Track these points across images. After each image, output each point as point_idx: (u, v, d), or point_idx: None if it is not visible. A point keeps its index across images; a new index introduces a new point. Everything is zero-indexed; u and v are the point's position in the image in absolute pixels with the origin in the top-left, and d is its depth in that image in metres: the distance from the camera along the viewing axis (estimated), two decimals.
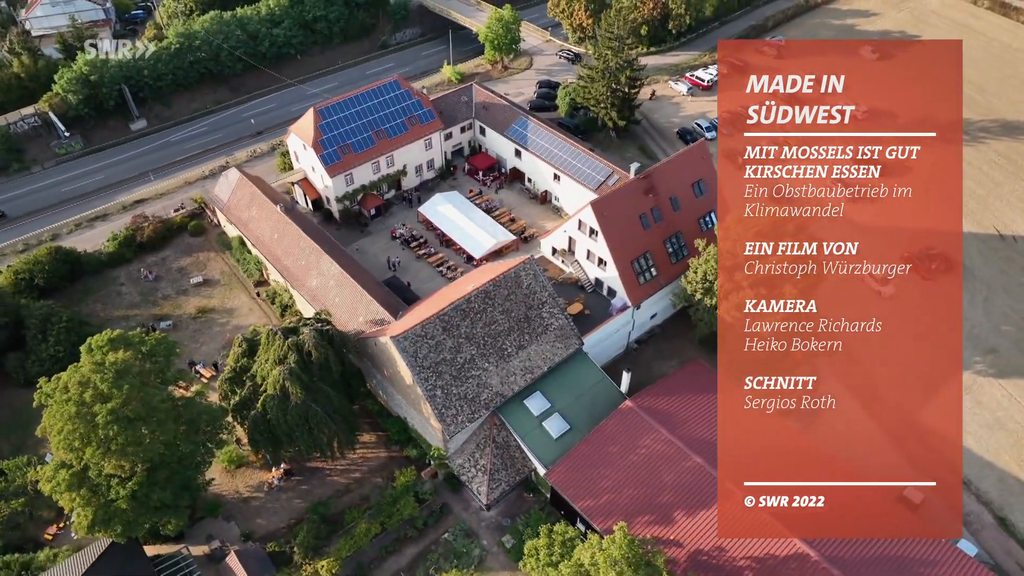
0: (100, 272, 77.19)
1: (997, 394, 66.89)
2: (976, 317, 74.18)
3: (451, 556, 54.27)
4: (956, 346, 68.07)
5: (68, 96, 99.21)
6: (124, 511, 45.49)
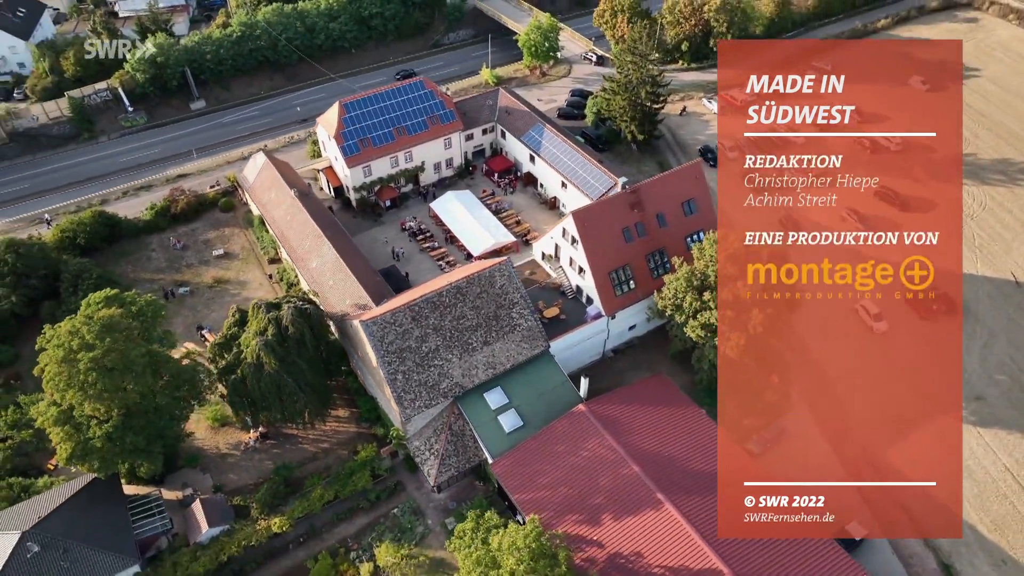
0: (136, 237, 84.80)
1: (972, 442, 65.55)
2: (971, 363, 72.59)
3: (396, 530, 58.02)
4: (955, 387, 67.14)
5: (136, 75, 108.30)
6: (99, 449, 51.38)
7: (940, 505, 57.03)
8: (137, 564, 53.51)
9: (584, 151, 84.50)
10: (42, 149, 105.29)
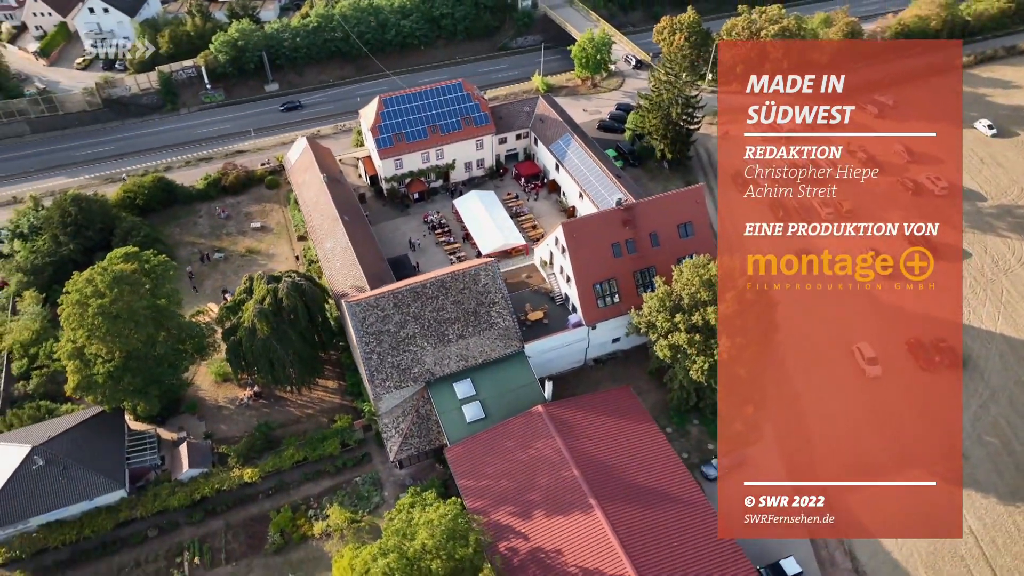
0: (188, 203, 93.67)
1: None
2: (963, 420, 70.31)
3: (355, 497, 62.90)
4: (951, 450, 65.75)
5: (219, 55, 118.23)
6: (101, 384, 58.83)
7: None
8: (123, 490, 60.80)
9: (605, 165, 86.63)
10: (130, 116, 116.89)
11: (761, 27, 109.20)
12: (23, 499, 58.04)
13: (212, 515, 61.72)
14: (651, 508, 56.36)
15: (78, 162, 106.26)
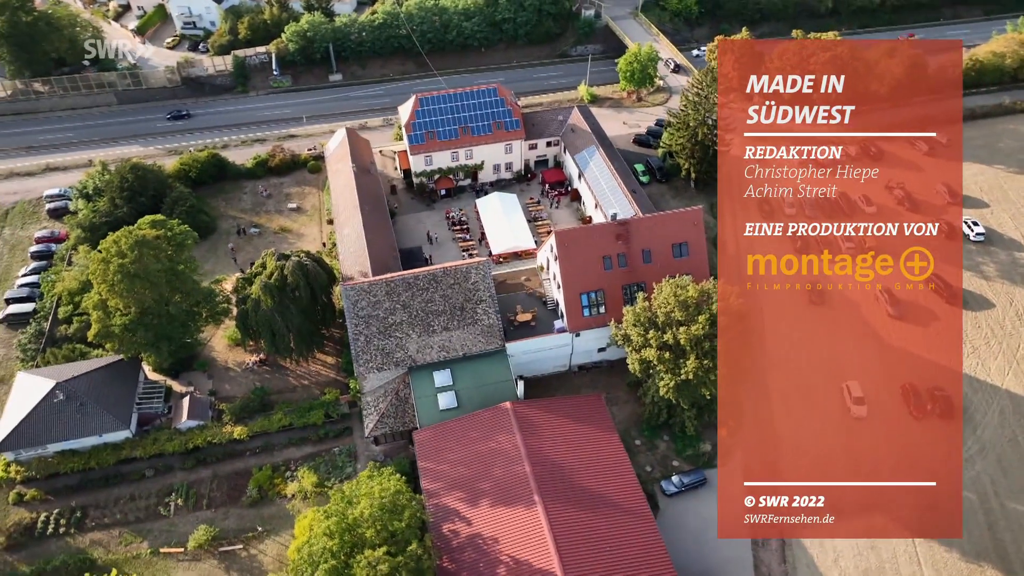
0: (236, 180, 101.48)
1: (899, 546, 63.20)
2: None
3: (330, 465, 67.92)
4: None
5: (289, 44, 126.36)
6: (117, 335, 66.07)
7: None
8: (128, 431, 67.96)
9: (623, 179, 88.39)
10: (205, 95, 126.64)
11: (812, 53, 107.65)
12: (43, 427, 65.97)
13: (202, 464, 68.10)
14: (593, 513, 58.62)
15: (153, 133, 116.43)
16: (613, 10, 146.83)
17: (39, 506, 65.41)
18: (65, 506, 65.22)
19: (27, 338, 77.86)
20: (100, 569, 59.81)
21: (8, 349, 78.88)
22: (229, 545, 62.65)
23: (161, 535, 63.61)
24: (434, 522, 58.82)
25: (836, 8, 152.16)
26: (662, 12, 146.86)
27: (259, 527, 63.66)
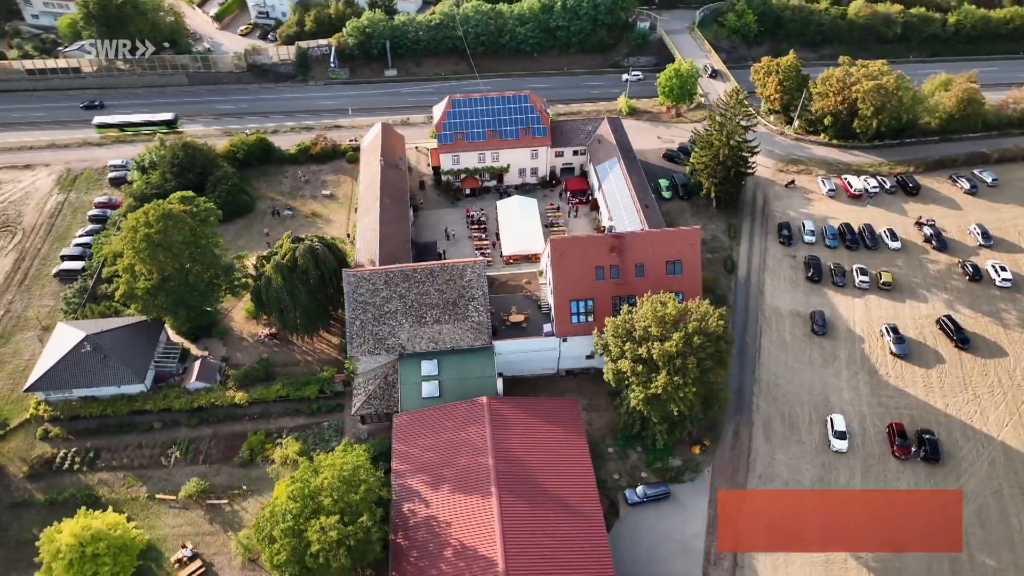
0: (279, 164, 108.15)
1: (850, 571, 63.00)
2: None
3: (317, 437, 72.67)
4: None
5: (349, 39, 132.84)
6: (139, 297, 72.82)
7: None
8: (143, 385, 74.67)
9: (638, 193, 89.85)
10: (267, 81, 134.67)
11: (856, 81, 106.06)
12: (70, 373, 73.36)
13: (204, 423, 74.14)
14: (545, 510, 61.08)
15: (215, 114, 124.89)
16: (670, 24, 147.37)
17: (60, 443, 72.83)
18: (81, 446, 72.42)
19: (72, 293, 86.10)
20: (102, 505, 66.34)
21: (56, 301, 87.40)
22: (216, 499, 68.27)
23: (159, 482, 69.84)
24: (396, 500, 62.64)
25: (905, 35, 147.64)
26: (720, 29, 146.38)
27: (244, 486, 69.03)
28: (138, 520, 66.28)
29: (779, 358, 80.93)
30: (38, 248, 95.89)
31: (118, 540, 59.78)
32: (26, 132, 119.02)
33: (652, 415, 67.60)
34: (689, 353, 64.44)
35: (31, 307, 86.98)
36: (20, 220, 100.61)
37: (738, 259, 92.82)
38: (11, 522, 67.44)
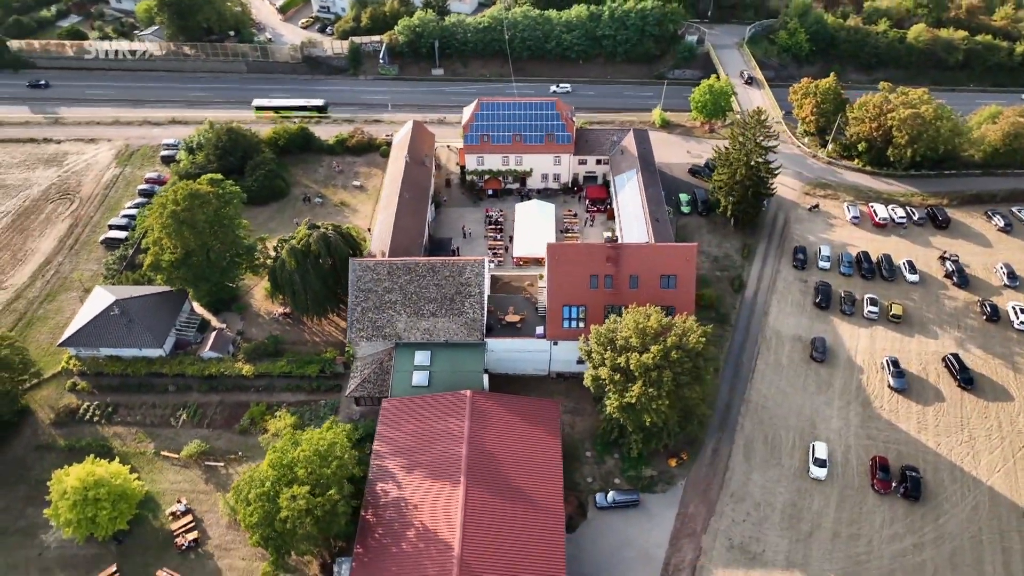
0: (317, 153, 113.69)
1: None
2: (886, 552, 67.06)
3: (311, 414, 77.00)
4: None
5: (399, 36, 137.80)
6: (164, 269, 78.86)
7: None
8: (162, 350, 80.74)
9: (652, 207, 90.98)
10: (320, 73, 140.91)
11: (893, 108, 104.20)
12: (99, 333, 79.98)
13: (213, 390, 79.60)
14: (508, 503, 63.64)
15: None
16: (720, 38, 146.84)
17: (85, 396, 79.56)
18: (103, 401, 78.92)
19: (113, 260, 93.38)
20: (112, 456, 72.36)
21: (99, 266, 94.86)
22: (214, 461, 73.49)
23: (166, 441, 75.58)
24: (372, 479, 66.31)
25: (968, 62, 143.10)
26: (770, 46, 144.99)
27: (240, 452, 74.02)
28: (142, 473, 72.06)
29: (772, 381, 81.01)
30: (91, 216, 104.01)
31: (118, 488, 65.31)
32: (97, 108, 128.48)
33: (628, 424, 69.31)
34: (665, 367, 65.83)
35: (77, 270, 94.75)
36: (79, 189, 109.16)
37: (748, 279, 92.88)
38: (35, 463, 74.21)
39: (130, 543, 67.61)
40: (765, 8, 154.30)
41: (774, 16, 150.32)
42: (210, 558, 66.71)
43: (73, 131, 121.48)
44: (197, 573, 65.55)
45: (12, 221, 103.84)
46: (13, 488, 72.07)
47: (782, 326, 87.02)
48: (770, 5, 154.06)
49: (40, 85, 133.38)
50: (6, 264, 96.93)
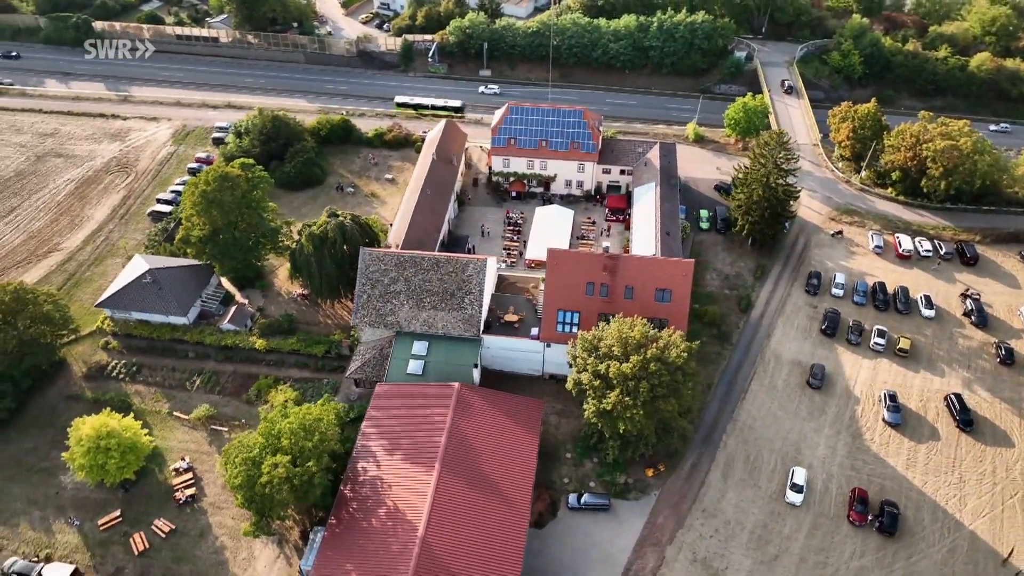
0: (356, 145, 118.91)
1: None
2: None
3: (312, 391, 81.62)
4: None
5: (450, 36, 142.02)
6: (193, 243, 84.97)
7: None
8: (186, 318, 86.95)
9: (664, 221, 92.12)
10: (373, 68, 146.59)
11: (930, 138, 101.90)
12: (131, 298, 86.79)
13: (228, 360, 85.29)
14: (478, 493, 66.48)
15: (320, 92, 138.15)
16: (770, 56, 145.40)
17: (114, 354, 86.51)
18: (129, 360, 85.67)
19: (156, 231, 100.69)
20: (129, 411, 78.65)
21: (143, 237, 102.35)
22: (219, 426, 79.01)
23: (179, 403, 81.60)
24: (354, 457, 70.26)
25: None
26: (822, 67, 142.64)
27: (244, 420, 79.28)
28: (154, 430, 78.20)
29: (763, 402, 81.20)
30: (143, 189, 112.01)
31: (128, 441, 71.16)
32: (164, 89, 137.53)
33: (605, 429, 71.13)
34: (643, 377, 67.41)
35: (123, 238, 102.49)
36: (136, 164, 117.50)
37: (756, 300, 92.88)
38: (64, 411, 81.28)
39: (135, 492, 73.70)
40: (822, 28, 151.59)
41: (830, 37, 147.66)
42: (203, 514, 72.11)
43: (139, 109, 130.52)
44: (190, 526, 71.05)
45: (75, 188, 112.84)
46: (43, 431, 79.31)
47: (783, 350, 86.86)
48: (828, 25, 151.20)
49: (11, 56, 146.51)
50: (64, 228, 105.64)
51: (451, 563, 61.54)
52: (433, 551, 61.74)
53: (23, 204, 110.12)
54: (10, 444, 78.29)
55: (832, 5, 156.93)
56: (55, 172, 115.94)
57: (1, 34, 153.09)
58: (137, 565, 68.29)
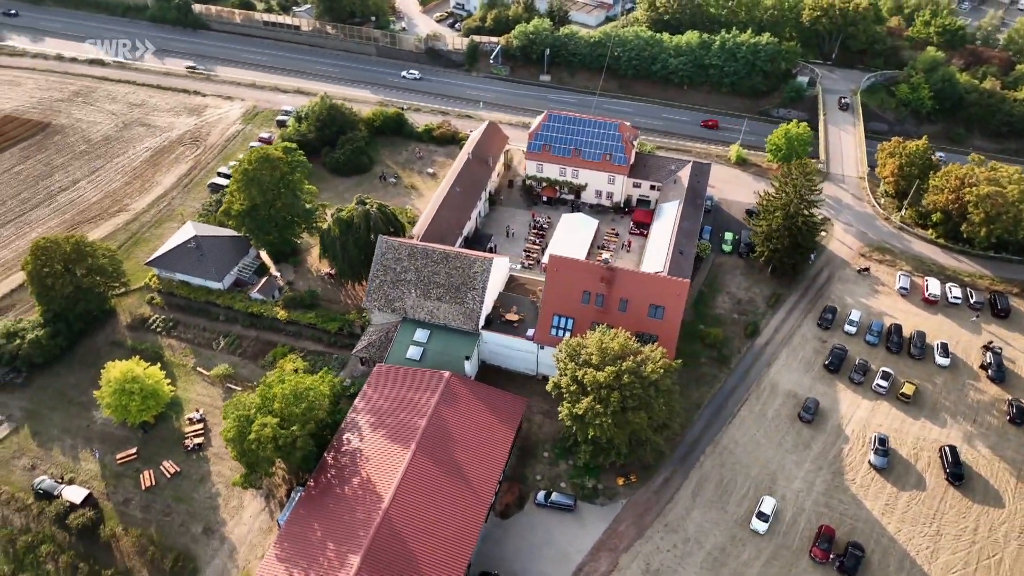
0: (406, 138, 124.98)
1: None
2: None
3: (322, 363, 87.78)
4: None
5: (513, 41, 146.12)
6: (234, 217, 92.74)
7: None
8: (220, 284, 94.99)
9: (680, 240, 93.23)
10: (438, 65, 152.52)
11: (975, 182, 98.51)
12: (176, 260, 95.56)
13: (252, 326, 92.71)
14: (445, 478, 70.51)
15: (384, 84, 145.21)
16: (835, 83, 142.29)
17: (156, 309, 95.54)
18: (168, 316, 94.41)
19: (210, 202, 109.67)
20: (159, 361, 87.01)
21: (200, 206, 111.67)
22: (235, 385, 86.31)
23: (204, 359, 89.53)
24: (342, 428, 75.68)
25: None
26: (888, 98, 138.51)
27: (256, 382, 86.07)
28: (178, 381, 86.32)
29: (749, 429, 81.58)
30: (208, 162, 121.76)
31: (150, 387, 79.12)
32: (243, 71, 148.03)
33: (578, 433, 73.78)
34: (616, 387, 69.74)
35: (182, 205, 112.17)
36: (207, 138, 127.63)
37: (764, 327, 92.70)
38: (107, 354, 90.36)
39: (152, 434, 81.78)
40: (896, 58, 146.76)
41: (902, 68, 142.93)
42: (206, 462, 79.38)
43: (219, 88, 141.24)
44: (193, 471, 78.45)
45: (150, 156, 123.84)
46: (87, 370, 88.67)
47: (781, 379, 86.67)
48: (903, 56, 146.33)
49: (11, 14, 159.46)
50: (135, 191, 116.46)
51: (408, 537, 65.94)
52: (393, 524, 66.27)
53: (105, 166, 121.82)
54: (58, 378, 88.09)
55: (912, 35, 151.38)
56: (136, 140, 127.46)
57: (113, 10, 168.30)
58: (142, 499, 76.14)
